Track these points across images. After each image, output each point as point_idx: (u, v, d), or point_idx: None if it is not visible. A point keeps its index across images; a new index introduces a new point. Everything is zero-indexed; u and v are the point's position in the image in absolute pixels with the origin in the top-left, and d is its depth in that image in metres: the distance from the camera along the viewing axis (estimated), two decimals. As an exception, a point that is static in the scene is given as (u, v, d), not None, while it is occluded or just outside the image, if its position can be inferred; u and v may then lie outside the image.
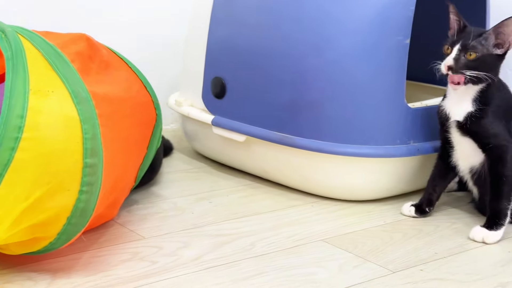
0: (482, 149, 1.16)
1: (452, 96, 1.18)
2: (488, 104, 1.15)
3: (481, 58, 1.12)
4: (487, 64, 1.12)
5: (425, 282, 0.98)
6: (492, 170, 1.15)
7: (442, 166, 1.23)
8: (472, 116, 1.14)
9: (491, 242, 1.13)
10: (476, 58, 1.12)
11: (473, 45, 1.12)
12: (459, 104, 1.16)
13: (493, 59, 1.13)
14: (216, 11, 1.37)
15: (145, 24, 1.71)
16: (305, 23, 1.24)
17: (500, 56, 1.14)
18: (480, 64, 1.12)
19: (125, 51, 1.25)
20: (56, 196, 0.87)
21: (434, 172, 1.24)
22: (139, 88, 1.08)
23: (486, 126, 1.14)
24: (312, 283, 0.97)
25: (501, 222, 1.13)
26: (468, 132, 1.16)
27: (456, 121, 1.17)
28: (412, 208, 1.23)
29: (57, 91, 0.86)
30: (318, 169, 1.27)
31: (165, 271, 0.98)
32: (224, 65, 1.37)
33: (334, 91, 1.23)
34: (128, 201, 1.23)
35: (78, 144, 0.87)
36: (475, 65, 1.12)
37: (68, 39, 0.96)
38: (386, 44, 1.21)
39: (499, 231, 1.13)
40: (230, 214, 1.21)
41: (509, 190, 1.14)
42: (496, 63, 1.14)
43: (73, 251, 1.02)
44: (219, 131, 1.38)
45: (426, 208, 1.23)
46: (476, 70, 1.11)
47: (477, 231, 1.14)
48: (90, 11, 1.63)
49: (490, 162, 1.15)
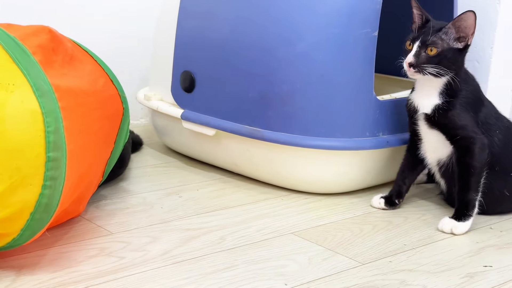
0: (450, 141, 1.17)
1: (419, 89, 1.18)
2: (455, 96, 1.15)
3: (442, 53, 1.12)
4: (449, 58, 1.13)
5: (394, 274, 0.99)
6: (460, 162, 1.16)
7: (411, 158, 1.23)
8: (440, 109, 1.15)
9: (460, 233, 1.14)
10: (436, 54, 1.12)
11: (433, 41, 1.12)
12: (426, 97, 1.17)
13: (454, 53, 1.13)
14: (185, 4, 1.36)
15: (114, 18, 1.69)
16: (274, 16, 1.24)
17: (462, 50, 1.14)
18: (441, 59, 1.12)
19: (94, 46, 1.24)
20: (19, 191, 0.85)
21: (403, 164, 1.24)
22: (105, 81, 1.06)
23: (454, 118, 1.15)
24: (282, 275, 0.96)
25: (469, 213, 1.14)
26: (436, 124, 1.16)
27: (424, 114, 1.17)
28: (382, 200, 1.24)
29: (18, 84, 0.84)
30: (288, 162, 1.27)
31: (133, 267, 0.97)
32: (193, 59, 1.35)
33: (303, 84, 1.22)
34: (96, 196, 1.22)
35: (40, 138, 0.85)
36: (436, 61, 1.12)
37: (29, 31, 0.94)
38: (354, 36, 1.21)
39: (467, 222, 1.14)
40: (199, 208, 1.20)
41: (477, 181, 1.14)
42: (458, 57, 1.15)
43: (39, 248, 1.00)
44: (188, 125, 1.37)
45: (396, 200, 1.24)
46: (438, 65, 1.12)
47: (445, 222, 1.15)
48: (58, 5, 1.60)
49: (458, 154, 1.16)
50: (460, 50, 1.14)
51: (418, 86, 1.19)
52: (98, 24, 1.67)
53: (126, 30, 1.71)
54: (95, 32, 1.65)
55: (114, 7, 1.69)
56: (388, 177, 1.33)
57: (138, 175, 1.37)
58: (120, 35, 1.70)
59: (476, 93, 1.20)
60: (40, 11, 1.57)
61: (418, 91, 1.19)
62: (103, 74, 1.07)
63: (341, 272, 0.98)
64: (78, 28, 1.60)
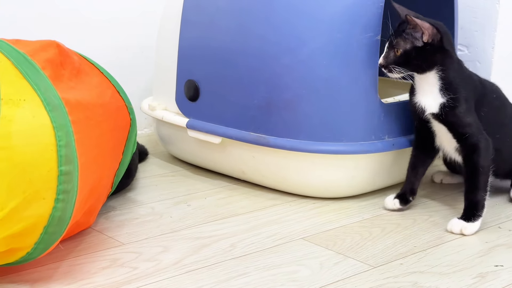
0: (457, 139, 1.17)
1: (419, 89, 1.19)
2: (456, 92, 1.16)
3: (406, 53, 1.15)
4: (415, 57, 1.15)
5: (405, 276, 0.99)
6: (467, 161, 1.17)
7: (420, 154, 1.24)
8: (446, 107, 1.16)
9: (469, 234, 1.14)
10: (400, 54, 1.16)
11: (397, 41, 1.16)
12: (429, 96, 1.18)
13: (420, 51, 1.15)
14: (187, 14, 1.37)
15: (115, 29, 1.70)
16: (276, 23, 1.25)
17: (429, 47, 1.15)
18: (407, 58, 1.15)
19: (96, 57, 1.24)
20: (32, 205, 0.86)
21: (413, 161, 1.25)
22: (112, 93, 1.07)
23: (461, 115, 1.16)
24: (294, 281, 0.97)
25: (479, 214, 1.15)
26: (444, 122, 1.17)
27: (431, 114, 1.18)
28: (397, 200, 1.24)
29: (29, 99, 0.85)
30: (294, 168, 1.28)
31: (146, 277, 0.97)
32: (197, 68, 1.36)
33: (307, 89, 1.23)
34: (105, 207, 1.22)
35: (52, 152, 0.85)
36: (402, 60, 1.16)
37: (38, 46, 0.95)
38: (357, 41, 1.22)
39: (476, 223, 1.15)
40: (208, 216, 1.21)
41: (485, 180, 1.15)
42: (427, 54, 1.15)
43: (52, 260, 1.00)
44: (194, 134, 1.38)
45: (410, 197, 1.24)
46: (406, 64, 1.15)
47: (454, 223, 1.15)
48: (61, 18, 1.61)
49: (465, 153, 1.17)
50: (426, 47, 1.15)
51: (416, 87, 1.20)
52: (100, 36, 1.67)
53: (127, 41, 1.72)
54: (97, 43, 1.65)
55: (115, 18, 1.70)
56: (394, 179, 1.34)
57: (145, 185, 1.37)
58: (122, 45, 1.71)
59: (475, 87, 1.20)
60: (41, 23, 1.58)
61: (419, 91, 1.20)
62: (110, 86, 1.08)
63: (353, 276, 0.99)
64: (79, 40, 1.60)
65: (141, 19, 1.73)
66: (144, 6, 1.73)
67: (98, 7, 1.67)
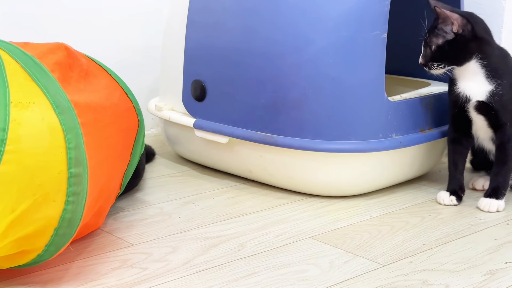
0: (495, 127, 1.20)
1: (462, 79, 1.21)
2: (503, 78, 1.18)
3: (439, 49, 1.19)
4: (449, 50, 1.18)
5: (415, 274, 0.99)
6: (501, 149, 1.21)
7: (458, 147, 1.26)
8: (495, 94, 1.18)
9: (502, 210, 1.22)
10: (435, 50, 1.19)
11: (430, 38, 1.19)
12: (475, 85, 1.20)
13: (452, 44, 1.18)
14: (193, 14, 1.37)
15: (121, 29, 1.70)
16: (282, 22, 1.25)
17: (460, 38, 1.17)
18: (442, 53, 1.19)
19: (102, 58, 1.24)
20: (42, 208, 0.86)
21: (452, 157, 1.27)
22: (120, 94, 1.07)
23: (506, 103, 1.19)
24: (304, 280, 0.97)
25: (505, 192, 1.23)
26: (488, 110, 1.19)
27: (477, 101, 1.20)
28: (453, 197, 1.25)
29: (38, 102, 0.85)
30: (302, 167, 1.28)
31: (156, 277, 0.97)
32: (203, 68, 1.36)
33: (314, 88, 1.23)
34: (114, 208, 1.23)
35: (62, 154, 0.86)
36: (438, 56, 1.19)
37: (46, 49, 0.95)
38: (363, 39, 1.22)
39: (504, 200, 1.23)
40: (217, 216, 1.21)
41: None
42: (460, 46, 1.18)
43: (62, 262, 1.01)
44: (201, 133, 1.38)
45: (462, 194, 1.26)
46: (441, 60, 1.19)
47: (488, 202, 1.22)
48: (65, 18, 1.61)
49: (500, 141, 1.21)
50: (458, 38, 1.17)
51: (458, 77, 1.22)
52: (105, 36, 1.68)
53: (133, 42, 1.73)
54: (102, 44, 1.66)
55: (121, 19, 1.70)
56: (402, 177, 1.34)
57: (153, 186, 1.37)
58: (128, 46, 1.72)
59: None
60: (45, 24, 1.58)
61: (462, 81, 1.21)
62: (118, 88, 1.08)
63: (363, 274, 0.99)
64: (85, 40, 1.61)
65: (147, 20, 1.73)
66: (149, 6, 1.73)
67: (103, 7, 1.68)
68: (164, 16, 1.50)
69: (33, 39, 1.14)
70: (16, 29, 1.53)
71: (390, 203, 1.28)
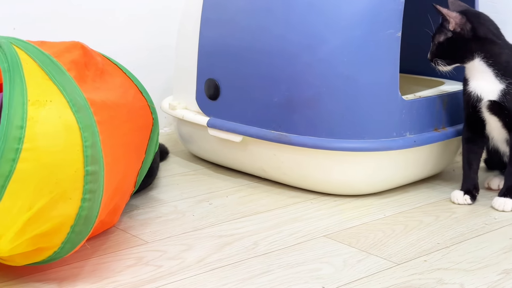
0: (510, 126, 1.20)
1: (473, 78, 1.21)
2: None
3: (441, 45, 1.21)
4: (449, 48, 1.20)
5: (430, 273, 0.99)
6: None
7: (472, 147, 1.25)
8: (507, 93, 1.18)
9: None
10: (437, 47, 1.21)
11: (434, 35, 1.21)
12: (485, 84, 1.20)
13: (451, 41, 1.19)
14: (207, 13, 1.37)
15: (134, 28, 1.71)
16: (296, 21, 1.25)
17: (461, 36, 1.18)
18: (444, 50, 1.20)
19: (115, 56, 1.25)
20: (59, 205, 0.87)
21: (466, 157, 1.26)
22: (135, 93, 1.08)
23: None
24: (318, 279, 0.97)
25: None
26: (500, 110, 1.19)
27: (489, 101, 1.19)
28: (468, 196, 1.25)
29: (55, 100, 0.86)
30: (316, 166, 1.28)
31: (171, 275, 0.98)
32: (217, 67, 1.37)
33: (328, 87, 1.23)
34: (128, 206, 1.23)
35: (79, 152, 0.87)
36: (440, 53, 1.21)
37: (63, 48, 0.96)
38: (377, 38, 1.22)
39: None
40: (230, 214, 1.21)
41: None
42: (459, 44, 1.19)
43: (77, 259, 1.02)
44: (215, 132, 1.38)
45: (476, 194, 1.26)
46: (443, 57, 1.21)
47: (504, 201, 1.21)
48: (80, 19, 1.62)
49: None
50: (456, 37, 1.19)
51: (469, 76, 1.22)
52: (118, 35, 1.69)
53: (147, 41, 1.73)
54: (116, 42, 1.67)
55: (134, 17, 1.71)
56: (416, 176, 1.34)
57: (167, 184, 1.38)
58: (141, 45, 1.72)
59: None
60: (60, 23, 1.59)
61: (473, 80, 1.22)
62: (133, 86, 1.09)
63: (377, 273, 0.99)
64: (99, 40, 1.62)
65: (160, 18, 1.74)
66: (163, 5, 1.74)
67: (117, 7, 1.68)
68: (178, 15, 1.51)
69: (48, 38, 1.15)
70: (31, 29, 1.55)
71: (404, 202, 1.28)
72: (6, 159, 0.81)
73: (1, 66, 0.85)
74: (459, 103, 1.30)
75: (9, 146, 0.82)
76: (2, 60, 0.85)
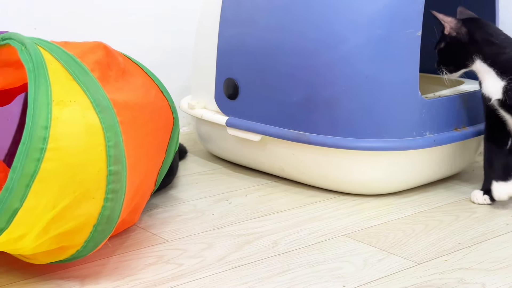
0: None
1: (483, 78, 1.22)
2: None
3: (440, 52, 1.24)
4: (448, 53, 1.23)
5: (451, 273, 0.99)
6: None
7: (492, 146, 1.25)
8: (508, 90, 1.18)
9: None
10: (438, 54, 1.25)
11: (436, 44, 1.24)
12: (491, 83, 1.20)
13: (451, 46, 1.22)
14: (226, 12, 1.38)
15: (152, 27, 1.72)
16: (316, 20, 1.25)
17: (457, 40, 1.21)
18: (443, 56, 1.24)
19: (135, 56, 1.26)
20: (82, 205, 0.88)
21: (487, 156, 1.25)
22: (156, 92, 1.09)
23: None
24: (338, 278, 0.97)
25: None
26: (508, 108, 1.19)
27: (497, 100, 1.20)
28: (487, 196, 1.24)
29: (79, 101, 0.87)
30: (335, 165, 1.28)
31: (191, 273, 0.99)
32: (236, 66, 1.37)
33: (347, 86, 1.23)
34: (149, 205, 1.24)
35: (102, 152, 0.87)
36: (442, 59, 1.24)
37: (86, 48, 0.97)
38: (397, 37, 1.21)
39: None
40: (250, 213, 1.22)
41: None
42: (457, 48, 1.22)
43: (99, 257, 1.03)
44: (234, 131, 1.39)
45: None
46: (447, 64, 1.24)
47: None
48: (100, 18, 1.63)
49: None
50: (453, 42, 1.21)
51: (479, 77, 1.23)
52: (137, 34, 1.70)
53: (165, 40, 1.74)
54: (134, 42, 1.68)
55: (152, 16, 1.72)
56: (436, 175, 1.34)
57: (186, 183, 1.39)
58: (160, 44, 1.73)
59: None
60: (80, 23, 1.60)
61: (483, 81, 1.23)
62: (154, 86, 1.10)
63: (398, 272, 0.99)
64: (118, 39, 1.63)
65: (178, 17, 1.75)
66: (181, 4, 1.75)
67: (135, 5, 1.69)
68: (196, 14, 1.51)
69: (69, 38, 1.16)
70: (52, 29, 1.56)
71: (423, 202, 1.27)
72: (31, 158, 0.82)
73: (26, 66, 0.86)
74: (479, 102, 1.30)
75: (34, 146, 0.83)
76: (27, 60, 0.86)
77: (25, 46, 0.88)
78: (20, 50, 0.88)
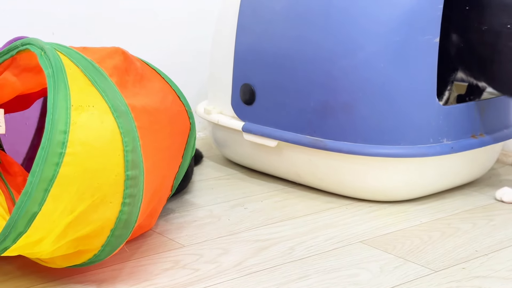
0: None
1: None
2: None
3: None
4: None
5: (468, 281, 0.98)
6: None
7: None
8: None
9: None
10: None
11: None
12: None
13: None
14: (243, 19, 1.38)
15: (169, 32, 1.73)
16: (333, 27, 1.25)
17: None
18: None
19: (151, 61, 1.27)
20: (100, 209, 0.88)
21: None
22: (173, 98, 1.09)
23: None
24: (356, 284, 0.97)
25: None
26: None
27: None
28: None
29: (97, 106, 0.88)
30: (351, 171, 1.28)
31: (208, 278, 0.99)
32: (253, 72, 1.38)
33: (365, 92, 1.23)
34: (165, 210, 1.25)
35: (120, 157, 0.88)
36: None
37: (104, 53, 0.97)
38: (415, 43, 1.21)
39: None
40: (266, 219, 1.22)
41: None
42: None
43: (116, 261, 1.03)
44: (250, 137, 1.39)
45: None
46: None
47: None
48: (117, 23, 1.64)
49: None
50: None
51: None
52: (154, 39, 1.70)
53: (181, 45, 1.75)
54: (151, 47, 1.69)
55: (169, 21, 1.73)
56: (452, 183, 1.33)
57: (202, 188, 1.39)
58: (176, 49, 1.74)
59: None
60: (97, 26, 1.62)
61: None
62: (171, 91, 1.10)
63: (415, 280, 0.98)
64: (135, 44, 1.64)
65: (195, 23, 1.76)
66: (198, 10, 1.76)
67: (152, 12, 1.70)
68: (212, 20, 1.52)
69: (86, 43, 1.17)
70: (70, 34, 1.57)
71: (440, 209, 1.27)
72: (50, 163, 0.83)
73: (46, 72, 0.87)
74: (497, 109, 1.29)
75: (53, 151, 0.83)
76: (46, 66, 0.87)
77: (44, 51, 0.89)
78: (39, 55, 0.89)
